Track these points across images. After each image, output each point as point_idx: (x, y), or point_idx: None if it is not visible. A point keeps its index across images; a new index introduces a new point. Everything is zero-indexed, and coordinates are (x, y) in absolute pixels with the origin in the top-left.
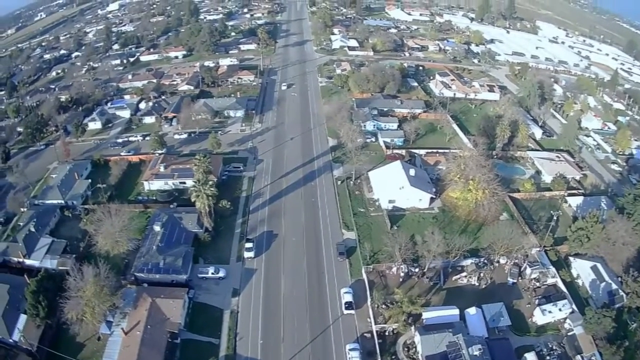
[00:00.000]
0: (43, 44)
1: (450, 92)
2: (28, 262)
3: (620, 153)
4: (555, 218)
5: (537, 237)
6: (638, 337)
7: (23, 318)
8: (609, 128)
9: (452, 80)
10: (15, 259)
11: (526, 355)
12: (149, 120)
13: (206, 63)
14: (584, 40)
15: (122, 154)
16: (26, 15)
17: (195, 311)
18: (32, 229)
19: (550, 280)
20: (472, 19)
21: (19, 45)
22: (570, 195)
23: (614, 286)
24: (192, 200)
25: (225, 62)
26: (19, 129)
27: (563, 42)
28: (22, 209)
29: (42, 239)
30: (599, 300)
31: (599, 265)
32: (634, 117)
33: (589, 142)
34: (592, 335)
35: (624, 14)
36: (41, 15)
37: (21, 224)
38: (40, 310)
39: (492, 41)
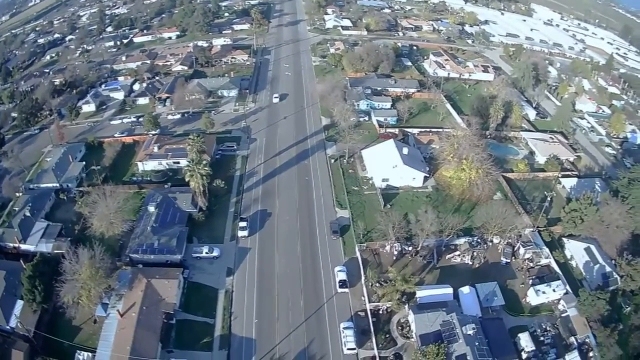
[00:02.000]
0: (37, 28)
1: (444, 72)
2: (24, 247)
3: (615, 136)
4: (549, 199)
5: (531, 217)
6: (632, 321)
7: (19, 304)
8: (603, 111)
9: (446, 60)
10: (11, 245)
11: (520, 335)
12: (142, 101)
13: (200, 43)
14: (579, 24)
15: (115, 135)
16: (20, 1)
17: (190, 291)
18: (28, 214)
19: (543, 261)
20: (466, 0)
21: (13, 31)
22: (564, 176)
23: (608, 268)
24: (186, 180)
25: (218, 42)
26: (14, 114)
27: (558, 25)
28: (17, 194)
29: (38, 223)
30: (592, 282)
31: (592, 247)
32: (629, 102)
33: (583, 125)
34: (586, 317)
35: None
36: (35, 1)
37: (16, 208)
38: (37, 295)
39: (486, 22)
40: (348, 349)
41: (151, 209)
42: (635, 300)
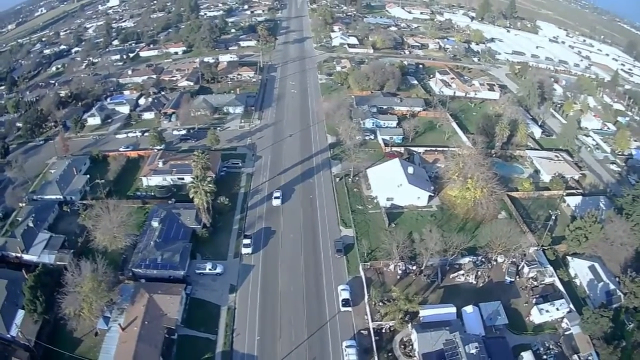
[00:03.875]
0: (43, 39)
1: (450, 91)
2: (26, 257)
3: (620, 153)
4: (553, 217)
5: (535, 236)
6: (635, 338)
7: (21, 313)
8: (608, 128)
9: (452, 78)
10: (13, 254)
11: (523, 354)
12: (148, 116)
13: (206, 59)
14: (584, 41)
15: (120, 149)
16: (27, 11)
17: (193, 307)
18: (31, 224)
19: (547, 280)
20: (472, 18)
21: (19, 40)
22: (568, 194)
23: (612, 286)
24: (191, 196)
25: (225, 59)
26: (19, 124)
27: (563, 42)
28: (20, 204)
29: (41, 234)
30: (596, 300)
31: (596, 265)
32: (634, 118)
33: (588, 142)
34: (590, 335)
35: (625, 15)
36: (41, 11)
37: (19, 219)
38: (38, 305)
39: (492, 40)
40: None
41: (155, 224)
42: (638, 317)
